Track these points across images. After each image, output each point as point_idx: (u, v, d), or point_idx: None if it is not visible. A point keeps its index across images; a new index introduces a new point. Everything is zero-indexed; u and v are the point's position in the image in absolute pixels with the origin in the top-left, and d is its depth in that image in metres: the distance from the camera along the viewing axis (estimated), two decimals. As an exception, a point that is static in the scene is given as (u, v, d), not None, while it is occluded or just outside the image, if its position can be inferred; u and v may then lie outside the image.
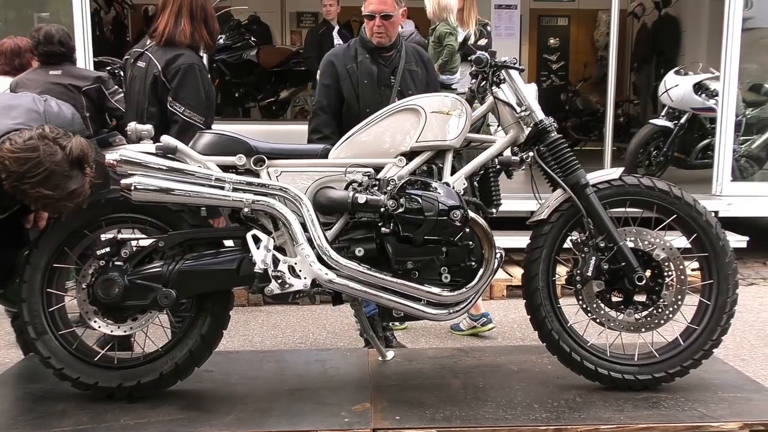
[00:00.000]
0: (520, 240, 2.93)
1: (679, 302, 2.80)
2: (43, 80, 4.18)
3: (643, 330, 2.82)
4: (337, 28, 7.92)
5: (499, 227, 3.02)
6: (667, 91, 7.02)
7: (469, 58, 2.80)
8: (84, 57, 6.03)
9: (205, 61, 3.36)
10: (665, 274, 2.78)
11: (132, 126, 2.72)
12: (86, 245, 2.82)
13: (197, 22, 3.39)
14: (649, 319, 2.81)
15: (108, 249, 2.69)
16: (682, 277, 2.78)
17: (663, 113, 7.16)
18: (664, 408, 2.67)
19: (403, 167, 2.70)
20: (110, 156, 2.63)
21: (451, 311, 2.68)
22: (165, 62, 3.30)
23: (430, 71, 3.76)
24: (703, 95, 6.87)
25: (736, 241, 5.79)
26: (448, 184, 2.65)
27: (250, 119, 10.22)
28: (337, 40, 7.81)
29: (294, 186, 2.66)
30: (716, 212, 6.00)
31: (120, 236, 2.74)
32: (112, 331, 2.73)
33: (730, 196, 6.36)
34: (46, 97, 2.79)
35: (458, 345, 4.24)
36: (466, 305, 2.70)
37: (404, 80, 3.60)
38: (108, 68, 6.96)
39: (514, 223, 4.10)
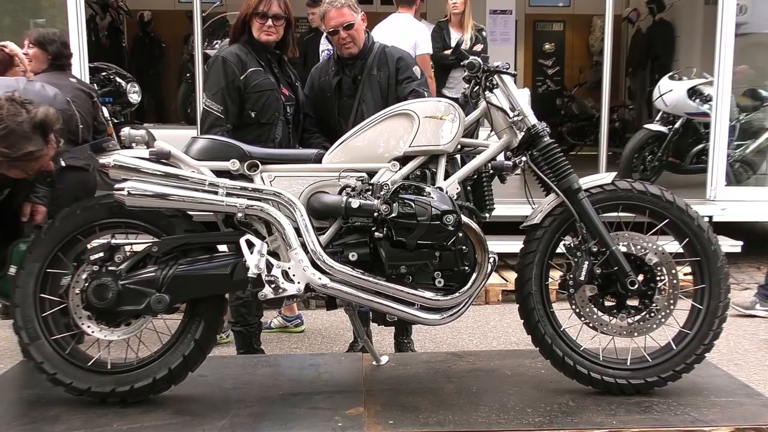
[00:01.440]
0: (514, 245, 2.94)
1: (672, 307, 2.80)
2: (71, 86, 4.21)
3: (635, 334, 2.83)
4: (325, 33, 7.91)
5: (493, 232, 3.03)
6: (661, 96, 7.05)
7: (461, 64, 2.81)
8: (80, 62, 6.02)
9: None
10: (658, 278, 2.78)
11: (126, 131, 2.73)
12: (80, 250, 2.82)
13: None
14: (641, 323, 2.82)
15: (101, 254, 2.70)
16: (675, 281, 2.79)
17: (657, 118, 7.18)
18: (656, 412, 2.68)
19: (396, 172, 2.72)
20: (104, 161, 2.63)
21: (444, 315, 2.69)
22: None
23: (401, 68, 3.67)
24: (698, 100, 6.90)
25: (731, 245, 5.80)
26: (441, 189, 2.66)
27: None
28: (325, 45, 7.83)
29: (288, 191, 2.67)
30: (710, 217, 6.01)
31: (113, 241, 2.75)
32: (105, 336, 2.73)
33: (724, 201, 6.36)
34: (33, 80, 2.83)
35: (452, 349, 4.24)
36: (459, 310, 2.71)
37: (363, 87, 3.62)
38: (103, 74, 6.99)
39: (510, 227, 4.11)
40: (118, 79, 7.01)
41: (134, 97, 7.04)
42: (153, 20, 11.01)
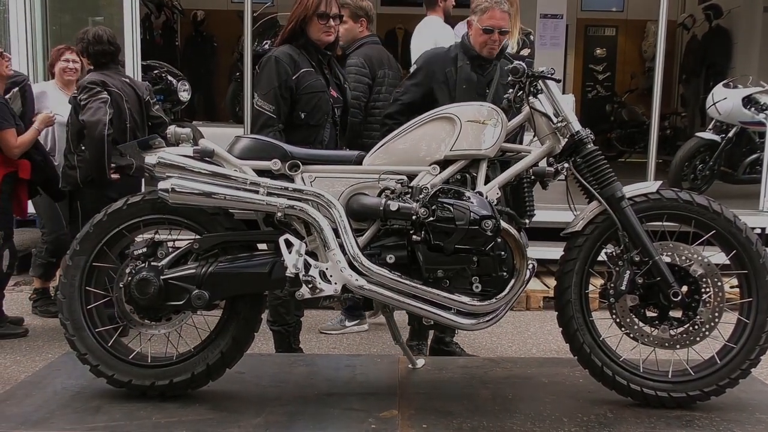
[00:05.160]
0: (557, 251, 2.90)
1: (716, 320, 2.74)
2: (120, 83, 4.34)
3: (678, 347, 2.77)
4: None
5: (535, 238, 3.01)
6: (714, 104, 6.88)
7: (505, 68, 2.79)
8: (132, 60, 6.16)
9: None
10: (702, 290, 2.72)
11: (171, 129, 2.78)
12: (125, 245, 2.89)
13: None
14: (684, 335, 2.75)
15: (145, 249, 2.75)
16: (720, 294, 2.72)
17: (710, 126, 7.02)
18: (698, 427, 2.62)
19: (436, 175, 2.70)
20: (149, 159, 2.69)
21: (480, 321, 2.67)
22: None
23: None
24: (753, 109, 6.72)
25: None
26: (481, 194, 2.64)
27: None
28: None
29: (327, 191, 2.68)
30: (763, 228, 5.86)
31: (157, 237, 2.80)
32: (147, 330, 2.79)
33: (778, 212, 6.20)
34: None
35: (491, 355, 4.21)
36: (496, 315, 2.68)
37: (497, 94, 3.62)
38: (155, 72, 7.13)
39: (552, 233, 4.07)
40: (169, 77, 7.15)
41: (184, 95, 7.17)
42: (206, 20, 11.20)
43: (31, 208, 4.98)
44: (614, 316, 2.77)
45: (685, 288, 2.72)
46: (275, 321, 3.79)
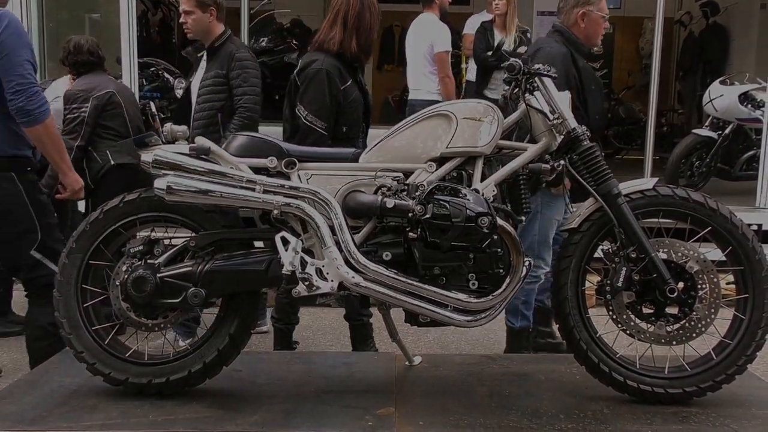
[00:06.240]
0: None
1: (713, 316, 2.74)
2: (114, 82, 4.34)
3: (674, 343, 2.77)
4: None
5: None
6: (711, 100, 6.90)
7: (501, 65, 2.79)
8: (129, 57, 6.16)
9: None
10: (698, 286, 2.72)
11: (168, 127, 2.78)
12: (121, 243, 2.88)
13: (349, 31, 3.50)
14: (680, 332, 2.76)
15: (141, 247, 2.75)
16: (716, 290, 2.73)
17: (707, 123, 7.04)
18: (694, 423, 2.62)
19: (432, 173, 2.71)
20: (145, 157, 2.68)
21: (477, 318, 2.66)
22: (302, 66, 3.48)
23: None
24: (749, 106, 6.74)
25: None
26: (477, 191, 2.64)
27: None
28: None
29: (324, 189, 2.68)
30: (760, 225, 5.87)
31: (153, 235, 2.80)
32: (143, 328, 2.78)
33: (774, 209, 6.22)
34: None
35: (488, 352, 4.22)
36: (493, 313, 2.68)
37: None
38: (152, 69, 7.13)
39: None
40: (166, 75, 7.15)
41: (181, 93, 7.15)
42: (202, 18, 11.15)
43: None
44: (611, 313, 2.78)
45: (681, 284, 2.73)
46: (280, 319, 3.79)
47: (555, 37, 3.93)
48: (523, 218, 2.77)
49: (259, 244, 2.85)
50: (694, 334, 2.75)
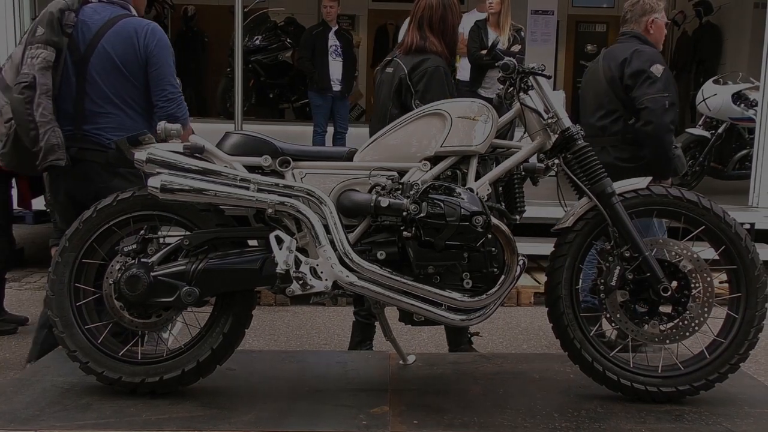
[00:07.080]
0: (547, 247, 2.90)
1: (706, 315, 2.75)
2: None
3: (667, 342, 2.78)
4: (335, 29, 8.08)
5: (526, 234, 3.01)
6: (704, 100, 6.93)
7: (496, 64, 2.79)
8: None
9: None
10: (692, 285, 2.73)
11: (161, 125, 2.76)
12: (114, 242, 2.87)
13: (436, 34, 3.67)
14: (674, 330, 2.76)
15: (135, 246, 2.74)
16: (709, 289, 2.74)
17: (700, 122, 7.06)
18: (687, 421, 2.63)
19: (427, 172, 2.71)
20: (139, 155, 2.67)
21: (471, 317, 2.67)
22: (411, 66, 3.61)
23: None
24: (742, 105, 6.77)
25: (771, 254, 5.67)
26: (471, 190, 2.64)
27: (283, 120, 10.32)
28: (333, 41, 7.97)
29: (318, 188, 2.67)
30: (753, 224, 5.90)
31: (146, 233, 2.78)
32: (137, 327, 2.77)
33: (767, 208, 6.23)
34: None
35: (482, 350, 4.22)
36: (487, 311, 2.69)
37: None
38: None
39: (542, 229, 4.07)
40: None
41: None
42: (196, 15, 11.17)
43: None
44: (604, 312, 2.78)
45: (674, 283, 2.73)
46: (361, 311, 3.82)
47: (634, 43, 4.17)
48: (518, 217, 2.77)
49: (253, 243, 2.84)
50: (687, 333, 2.76)
